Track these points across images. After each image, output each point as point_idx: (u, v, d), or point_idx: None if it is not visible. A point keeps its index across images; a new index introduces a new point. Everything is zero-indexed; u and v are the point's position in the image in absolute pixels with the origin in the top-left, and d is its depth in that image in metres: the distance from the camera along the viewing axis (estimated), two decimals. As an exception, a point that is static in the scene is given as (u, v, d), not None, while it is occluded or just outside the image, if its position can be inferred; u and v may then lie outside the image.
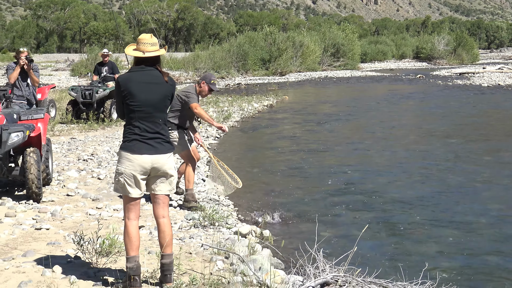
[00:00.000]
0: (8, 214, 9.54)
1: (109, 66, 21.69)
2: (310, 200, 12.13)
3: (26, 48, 14.18)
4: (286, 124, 24.28)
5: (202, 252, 7.92)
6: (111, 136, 18.42)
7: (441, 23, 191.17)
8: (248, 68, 58.72)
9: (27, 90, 13.82)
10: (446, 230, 10.12)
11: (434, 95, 37.95)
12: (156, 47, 6.43)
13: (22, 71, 13.67)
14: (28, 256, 7.49)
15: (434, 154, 17.28)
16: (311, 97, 38.44)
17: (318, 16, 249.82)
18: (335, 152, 17.83)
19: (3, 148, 9.96)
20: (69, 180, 12.29)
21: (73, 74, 50.44)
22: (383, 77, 58.70)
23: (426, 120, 25.61)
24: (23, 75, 13.73)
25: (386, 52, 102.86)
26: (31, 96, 13.87)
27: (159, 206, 6.53)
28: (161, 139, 6.40)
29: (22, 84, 13.75)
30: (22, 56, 13.52)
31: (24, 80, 13.76)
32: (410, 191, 12.87)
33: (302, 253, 7.17)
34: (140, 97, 6.30)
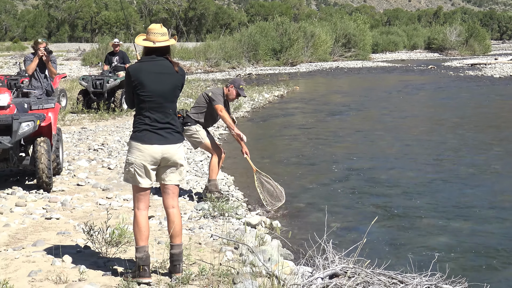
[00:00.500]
0: (18, 203, 9.58)
1: (120, 56, 21.69)
2: (320, 190, 12.12)
3: (44, 39, 14.11)
4: (296, 115, 24.25)
5: (211, 242, 7.92)
6: (121, 126, 18.44)
7: (453, 14, 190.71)
8: (259, 58, 58.66)
9: (45, 81, 13.76)
10: (457, 222, 10.09)
11: (445, 86, 37.81)
12: (166, 37, 6.43)
13: (40, 62, 13.59)
14: (38, 246, 7.52)
15: (445, 145, 17.22)
16: (322, 88, 38.38)
17: (330, 6, 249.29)
18: (345, 142, 17.79)
19: (14, 138, 9.98)
20: (80, 170, 12.32)
21: (84, 63, 50.52)
22: (394, 68, 58.51)
23: (437, 111, 25.53)
24: (41, 67, 13.66)
25: (397, 43, 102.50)
26: (49, 87, 13.82)
27: (169, 196, 6.54)
28: (171, 129, 6.40)
29: (40, 76, 13.68)
30: (40, 47, 13.46)
31: (42, 71, 13.69)
32: (421, 182, 12.83)
33: (312, 244, 7.17)
34: (150, 87, 6.30)
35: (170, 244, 6.55)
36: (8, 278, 6.34)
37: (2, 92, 10.43)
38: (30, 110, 11.10)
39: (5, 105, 10.37)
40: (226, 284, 6.38)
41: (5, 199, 9.88)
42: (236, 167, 13.76)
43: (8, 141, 9.97)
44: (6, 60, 55.92)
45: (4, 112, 10.29)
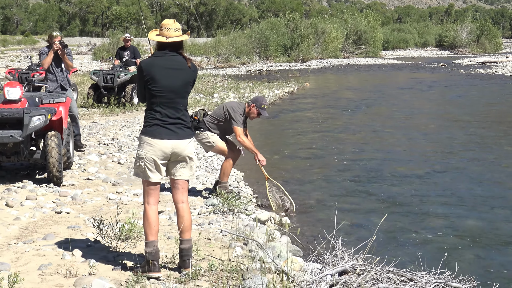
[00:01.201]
0: (29, 197, 9.61)
1: (130, 51, 21.70)
2: (329, 187, 12.12)
3: (60, 32, 14.01)
4: (306, 111, 24.23)
5: (221, 238, 7.94)
6: (132, 121, 18.47)
7: (464, 12, 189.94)
8: (269, 55, 58.59)
9: (61, 75, 13.59)
10: (467, 220, 10.07)
11: (456, 83, 37.71)
12: (179, 33, 6.45)
13: (55, 56, 13.44)
14: (48, 239, 7.55)
15: (456, 143, 17.20)
16: (332, 84, 38.34)
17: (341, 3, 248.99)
18: (355, 139, 17.78)
19: (25, 132, 10.02)
20: (90, 164, 12.36)
21: (95, 58, 50.58)
22: (405, 65, 58.39)
23: (448, 109, 25.49)
24: (57, 60, 13.51)
25: (408, 40, 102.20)
26: (64, 81, 13.65)
27: (179, 191, 6.57)
28: (181, 124, 6.43)
29: (56, 69, 13.52)
30: (55, 41, 13.31)
31: (58, 65, 13.55)
32: (432, 180, 12.82)
33: (321, 241, 7.17)
34: (162, 82, 6.33)
35: (180, 239, 6.57)
36: (19, 271, 6.36)
37: (14, 86, 10.47)
38: (41, 104, 11.13)
39: (16, 99, 10.41)
40: (235, 280, 6.39)
41: (16, 193, 9.92)
42: (246, 163, 13.74)
43: (19, 134, 10.01)
44: (17, 54, 56.02)
45: (16, 106, 10.33)
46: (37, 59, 30.24)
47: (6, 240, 7.57)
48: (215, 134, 10.29)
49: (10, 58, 49.17)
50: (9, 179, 10.86)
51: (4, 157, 10.42)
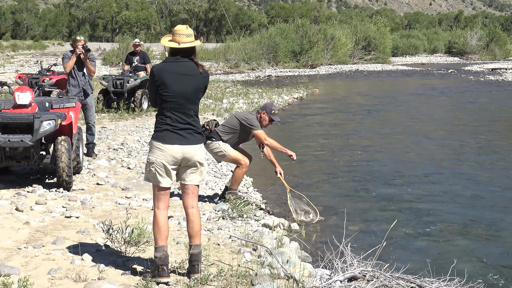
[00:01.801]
0: (38, 201, 9.64)
1: (140, 56, 21.75)
2: (338, 193, 12.11)
3: (83, 36, 13.93)
4: (315, 117, 24.23)
5: (230, 243, 7.94)
6: (141, 126, 18.50)
7: (474, 18, 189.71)
8: (278, 60, 58.61)
9: (83, 80, 13.55)
10: (476, 227, 10.05)
11: (465, 90, 37.65)
12: (192, 38, 6.48)
13: (78, 61, 13.42)
14: (58, 244, 7.57)
15: (465, 149, 17.17)
16: (341, 90, 38.32)
17: (350, 9, 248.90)
18: (365, 145, 17.76)
19: (35, 136, 10.04)
20: (99, 169, 12.38)
21: (105, 63, 50.70)
22: (414, 72, 58.32)
23: (457, 115, 25.44)
24: (79, 65, 13.49)
25: (417, 46, 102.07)
26: (86, 86, 13.61)
27: (189, 196, 6.58)
28: (192, 130, 6.44)
29: (77, 74, 13.49)
30: (79, 45, 13.28)
31: (80, 69, 13.52)
32: (441, 186, 12.80)
33: (330, 247, 7.16)
34: (173, 88, 6.35)
35: (189, 244, 6.58)
36: (28, 275, 6.38)
37: (24, 90, 10.49)
38: (51, 108, 11.15)
39: (26, 104, 10.44)
40: (244, 285, 6.39)
41: (26, 197, 9.95)
42: (255, 169, 13.74)
43: (29, 139, 10.03)
44: (27, 59, 56.23)
45: (26, 111, 10.35)
46: (46, 64, 30.37)
47: (16, 244, 7.59)
48: (226, 143, 10.19)
49: (20, 63, 49.35)
50: (19, 183, 10.89)
51: (14, 161, 10.44)
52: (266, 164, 10.70)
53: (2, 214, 8.94)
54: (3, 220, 8.61)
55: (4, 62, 49.64)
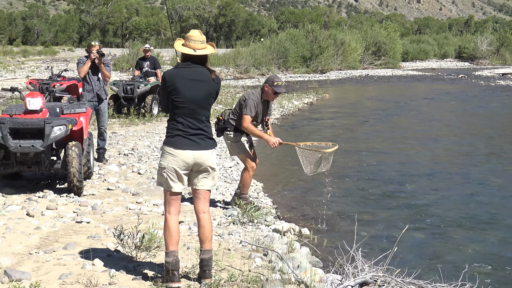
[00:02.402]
0: (49, 206, 9.65)
1: (150, 61, 21.78)
2: (349, 198, 12.09)
3: (98, 42, 13.93)
4: (326, 122, 24.22)
5: (240, 248, 7.94)
6: (151, 131, 18.52)
7: (484, 23, 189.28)
8: (288, 66, 58.60)
9: (98, 84, 13.51)
10: (487, 233, 10.02)
11: (476, 95, 37.58)
12: (205, 45, 6.50)
13: (92, 65, 13.41)
14: (69, 249, 7.58)
15: (476, 155, 17.13)
16: (351, 96, 38.30)
17: (360, 14, 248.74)
18: (375, 151, 17.73)
19: (46, 142, 10.06)
20: (110, 174, 12.40)
21: (115, 68, 50.77)
22: (424, 77, 58.25)
23: (468, 120, 25.39)
24: (94, 70, 13.47)
25: (428, 51, 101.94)
26: (101, 91, 13.56)
27: (200, 201, 6.58)
28: (203, 135, 6.46)
29: (92, 79, 13.47)
30: (93, 50, 13.30)
31: (95, 74, 13.50)
32: (451, 192, 12.77)
33: (341, 252, 7.14)
34: (185, 93, 6.37)
35: (200, 249, 6.58)
36: (39, 280, 6.39)
37: (35, 96, 10.52)
38: (62, 114, 11.19)
39: (37, 109, 10.47)
40: (255, 290, 6.39)
41: (37, 202, 9.97)
42: (265, 174, 13.76)
43: (40, 144, 10.05)
44: (38, 64, 56.35)
45: (37, 116, 10.38)
46: (57, 70, 30.44)
47: (27, 249, 7.61)
48: (241, 140, 10.05)
49: (30, 69, 49.46)
50: (30, 188, 10.92)
51: (25, 166, 10.47)
52: (276, 169, 10.71)
53: (13, 219, 8.97)
54: (14, 225, 8.63)
55: (15, 68, 49.77)
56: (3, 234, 8.20)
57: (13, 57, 71.12)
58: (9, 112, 10.60)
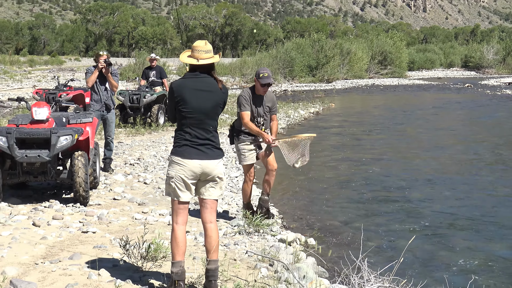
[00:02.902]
0: (55, 216, 9.65)
1: (157, 71, 21.81)
2: (355, 208, 12.07)
3: (105, 51, 13.86)
4: (332, 132, 24.21)
5: (246, 259, 7.92)
6: (157, 141, 18.53)
7: (490, 32, 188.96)
8: (294, 75, 58.67)
9: (105, 94, 13.43)
10: (495, 243, 9.99)
11: (482, 104, 37.56)
12: (211, 54, 6.51)
13: (100, 75, 13.38)
14: (75, 259, 7.57)
15: (483, 164, 17.09)
16: (357, 105, 38.31)
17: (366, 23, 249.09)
18: (381, 160, 17.71)
19: (52, 151, 10.08)
20: (116, 184, 12.40)
21: (121, 78, 50.86)
22: (430, 86, 58.26)
23: (474, 130, 25.35)
24: (101, 79, 13.42)
25: (434, 61, 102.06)
26: (109, 100, 13.47)
27: (207, 210, 6.59)
28: (211, 145, 6.48)
29: (100, 88, 13.39)
30: (101, 60, 13.28)
31: (102, 84, 13.43)
32: (458, 202, 12.73)
33: (347, 262, 7.13)
34: (192, 104, 6.40)
35: (207, 259, 6.57)
36: (45, 291, 6.39)
37: (41, 106, 10.54)
38: (69, 124, 11.20)
39: (43, 119, 10.48)
40: (261, 301, 6.38)
41: (43, 212, 9.97)
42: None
43: (47, 154, 10.07)
44: (44, 74, 56.44)
45: (43, 126, 10.40)
46: (63, 79, 30.49)
47: (33, 260, 7.60)
48: (250, 148, 9.82)
49: (37, 78, 49.55)
50: (36, 198, 10.92)
51: (31, 176, 10.48)
52: (282, 178, 10.70)
53: (19, 229, 8.97)
54: (20, 235, 8.63)
55: (22, 78, 49.88)
56: (9, 244, 8.20)
57: (20, 66, 71.29)
58: (16, 122, 10.63)
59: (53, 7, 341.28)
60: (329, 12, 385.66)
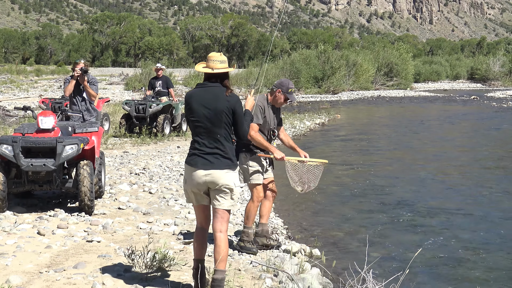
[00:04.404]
0: (60, 225, 9.66)
1: (163, 81, 21.87)
2: (360, 219, 12.04)
3: (83, 59, 13.43)
4: (337, 143, 24.19)
5: (251, 269, 7.91)
6: (163, 151, 18.55)
7: (496, 44, 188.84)
8: (300, 86, 58.70)
9: (83, 104, 13.00)
10: (501, 256, 9.94)
11: (488, 116, 37.52)
12: (225, 65, 6.70)
13: (78, 84, 12.91)
14: (79, 268, 7.57)
15: (489, 176, 17.06)
16: (363, 116, 38.30)
17: (372, 35, 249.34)
18: (386, 172, 17.69)
19: (58, 160, 10.09)
20: (121, 194, 12.40)
21: (127, 88, 50.97)
22: (436, 98, 58.23)
23: (480, 143, 25.29)
24: (79, 89, 12.95)
25: (440, 73, 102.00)
26: (87, 111, 13.03)
27: (217, 220, 6.65)
28: (219, 154, 6.56)
29: (77, 98, 13.01)
30: (77, 68, 12.78)
31: (80, 93, 12.98)
32: (464, 214, 12.70)
33: (352, 273, 7.12)
34: (198, 112, 6.57)
35: (214, 269, 6.60)
36: (49, 299, 6.38)
37: (47, 115, 10.56)
38: (74, 133, 11.21)
39: (49, 128, 10.50)
40: (265, 311, 6.36)
41: (48, 221, 9.98)
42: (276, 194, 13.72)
43: (52, 163, 10.08)
44: (51, 84, 56.60)
45: (49, 135, 10.41)
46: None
47: (38, 268, 7.60)
48: (256, 166, 8.88)
49: (43, 88, 49.72)
50: (41, 207, 10.93)
51: (36, 185, 10.49)
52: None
53: (24, 237, 8.98)
54: (25, 244, 8.64)
55: (28, 87, 50.03)
56: (14, 253, 8.20)
57: (26, 76, 71.55)
58: (22, 131, 10.64)
59: (60, 17, 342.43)
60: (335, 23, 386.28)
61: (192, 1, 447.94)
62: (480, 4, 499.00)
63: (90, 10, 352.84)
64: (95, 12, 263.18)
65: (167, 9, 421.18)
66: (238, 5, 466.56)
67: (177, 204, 11.55)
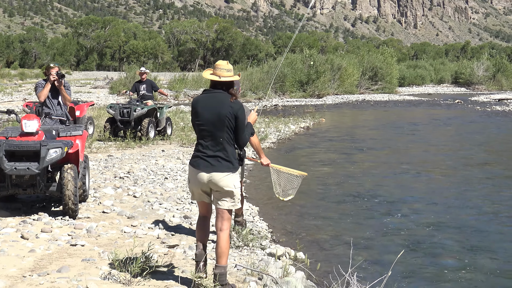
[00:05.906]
0: (44, 229, 9.63)
1: (147, 84, 21.83)
2: (344, 223, 12.07)
3: (57, 63, 13.29)
4: (322, 147, 24.22)
5: (235, 272, 7.92)
6: (147, 155, 18.52)
7: (480, 49, 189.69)
8: (285, 90, 58.71)
9: (59, 109, 12.87)
10: (483, 258, 10.00)
11: (472, 120, 37.67)
12: (231, 73, 7.07)
13: (53, 89, 12.75)
14: (63, 272, 7.55)
15: (472, 181, 17.12)
16: (348, 120, 38.38)
17: (357, 39, 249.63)
18: (371, 175, 17.72)
19: (42, 164, 10.06)
20: (105, 197, 12.37)
21: (112, 92, 50.87)
22: (421, 102, 58.39)
23: (464, 146, 25.40)
24: (54, 93, 12.79)
25: (424, 77, 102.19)
26: (63, 116, 12.89)
27: (218, 219, 7.10)
28: (220, 157, 6.95)
29: (52, 103, 12.85)
30: (52, 72, 12.60)
31: (55, 98, 12.84)
32: (447, 217, 12.74)
33: (336, 277, 7.14)
34: (202, 116, 6.96)
35: (215, 265, 7.08)
36: (33, 303, 6.36)
37: (31, 118, 10.53)
38: (58, 137, 11.17)
39: (33, 132, 10.47)
40: (249, 314, 6.36)
41: (31, 225, 9.94)
42: (261, 197, 13.76)
43: (36, 167, 10.05)
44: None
45: (33, 139, 10.38)
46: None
47: (21, 272, 7.58)
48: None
49: (28, 91, 49.49)
50: (24, 211, 10.89)
51: (20, 189, 10.46)
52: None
53: (8, 241, 8.95)
54: (8, 248, 8.61)
55: (12, 91, 49.84)
56: (-3, 257, 8.17)
57: (11, 79, 71.33)
58: (5, 134, 10.60)
59: (44, 20, 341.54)
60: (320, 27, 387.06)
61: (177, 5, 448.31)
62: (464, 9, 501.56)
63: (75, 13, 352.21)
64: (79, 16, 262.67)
65: (152, 13, 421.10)
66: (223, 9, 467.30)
67: (162, 208, 11.55)
